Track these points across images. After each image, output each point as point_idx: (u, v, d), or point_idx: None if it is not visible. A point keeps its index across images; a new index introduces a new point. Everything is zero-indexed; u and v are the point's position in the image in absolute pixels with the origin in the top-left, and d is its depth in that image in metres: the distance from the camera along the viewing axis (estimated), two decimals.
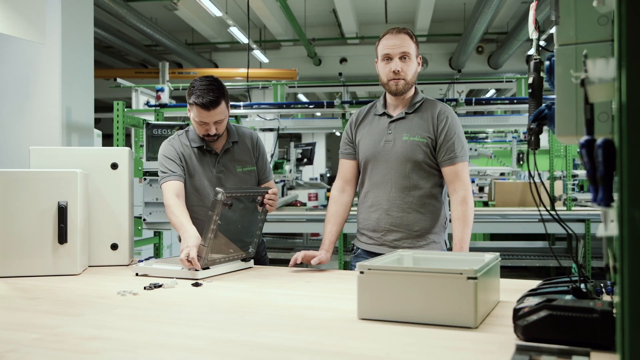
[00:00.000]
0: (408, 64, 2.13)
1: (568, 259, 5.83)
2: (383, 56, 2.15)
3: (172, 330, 1.27)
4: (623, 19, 0.73)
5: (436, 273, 1.25)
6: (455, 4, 10.60)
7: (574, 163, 6.37)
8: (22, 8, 2.61)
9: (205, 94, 2.17)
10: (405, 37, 2.13)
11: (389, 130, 2.17)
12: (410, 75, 2.15)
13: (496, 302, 1.48)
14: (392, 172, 2.14)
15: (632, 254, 0.72)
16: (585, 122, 0.88)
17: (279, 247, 7.34)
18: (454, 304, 1.23)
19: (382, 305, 1.30)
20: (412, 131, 2.14)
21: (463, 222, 2.11)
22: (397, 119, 2.18)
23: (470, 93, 13.74)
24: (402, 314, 1.28)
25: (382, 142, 2.17)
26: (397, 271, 1.29)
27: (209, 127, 2.23)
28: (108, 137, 4.96)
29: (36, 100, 3.36)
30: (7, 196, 2.01)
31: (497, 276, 1.49)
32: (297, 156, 7.78)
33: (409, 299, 1.27)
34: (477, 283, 1.22)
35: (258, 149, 2.44)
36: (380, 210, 2.17)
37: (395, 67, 2.11)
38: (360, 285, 1.33)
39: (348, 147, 2.30)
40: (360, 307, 1.33)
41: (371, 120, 2.25)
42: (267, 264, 2.54)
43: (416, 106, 2.18)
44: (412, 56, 2.14)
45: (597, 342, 1.03)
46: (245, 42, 10.43)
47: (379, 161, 2.17)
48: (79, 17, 3.55)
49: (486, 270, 1.32)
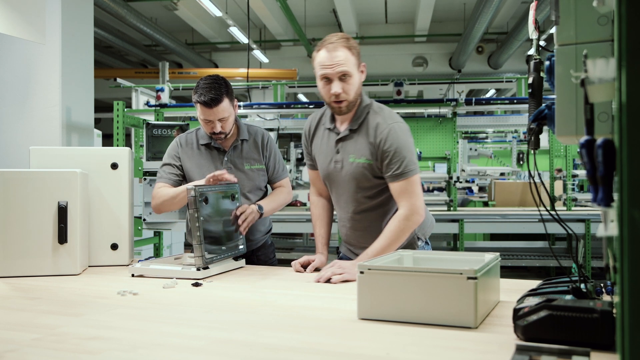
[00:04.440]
0: (349, 83, 1.96)
1: (568, 259, 5.82)
2: (321, 76, 1.97)
3: (172, 330, 1.27)
4: (623, 19, 0.73)
5: (436, 273, 1.25)
6: (455, 4, 10.60)
7: (574, 163, 6.36)
8: (22, 8, 2.61)
9: (207, 92, 2.20)
10: (342, 52, 1.93)
11: (337, 148, 2.09)
12: (353, 93, 1.98)
13: (496, 302, 1.48)
14: (345, 194, 2.10)
15: (632, 254, 0.72)
16: (585, 122, 0.88)
17: (279, 247, 7.35)
18: (454, 304, 1.23)
19: (382, 305, 1.30)
20: (358, 152, 2.02)
21: (394, 237, 1.94)
22: (343, 138, 2.07)
23: (470, 93, 13.73)
24: (402, 314, 1.28)
25: (332, 163, 2.09)
26: (397, 271, 1.29)
27: (214, 125, 2.26)
28: (108, 137, 4.97)
29: (36, 100, 3.36)
30: (7, 196, 2.01)
31: (497, 276, 1.49)
32: (297, 156, 7.77)
33: (409, 299, 1.27)
34: (477, 283, 1.22)
35: (268, 148, 2.44)
36: (346, 227, 2.16)
37: (336, 90, 1.94)
38: (360, 285, 1.32)
39: (309, 158, 2.25)
40: (360, 307, 1.33)
41: (322, 134, 2.16)
42: None
43: (359, 121, 2.04)
44: (352, 73, 1.95)
45: (597, 342, 1.03)
46: (245, 42, 10.43)
47: (333, 182, 2.12)
48: (79, 17, 3.55)
49: (486, 270, 1.32)
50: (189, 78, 10.71)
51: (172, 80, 7.76)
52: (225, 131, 2.30)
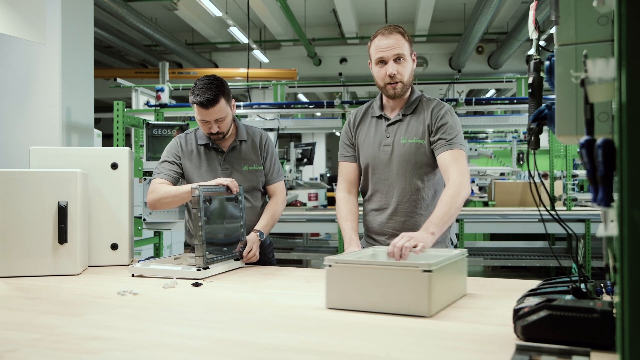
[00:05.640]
0: (403, 65, 2.06)
1: (568, 259, 5.82)
2: (377, 60, 2.07)
3: (172, 330, 1.27)
4: (623, 19, 0.73)
5: (396, 267, 1.39)
6: (455, 4, 10.60)
7: (574, 163, 6.36)
8: (22, 8, 2.61)
9: (203, 93, 2.20)
10: (398, 37, 2.05)
11: (387, 133, 2.14)
12: (407, 76, 2.09)
13: (460, 295, 1.56)
14: (392, 176, 2.12)
15: (632, 254, 0.72)
16: (585, 122, 0.88)
17: (279, 247, 7.33)
18: (411, 295, 1.35)
19: (348, 295, 1.42)
20: (410, 133, 2.10)
21: (452, 202, 1.92)
22: (394, 122, 2.15)
23: (470, 93, 13.73)
24: (366, 303, 1.39)
25: (381, 147, 2.14)
26: (361, 264, 1.42)
27: (211, 126, 2.26)
28: (108, 137, 4.96)
29: (36, 100, 3.36)
30: (7, 196, 2.01)
31: (460, 271, 1.57)
32: (297, 156, 7.78)
33: (372, 290, 1.39)
34: (431, 276, 1.33)
35: (266, 149, 2.44)
36: (384, 214, 2.15)
37: (391, 71, 2.04)
38: (328, 277, 1.44)
39: (349, 150, 2.25)
40: (328, 297, 1.45)
41: (369, 123, 2.22)
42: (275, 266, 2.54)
43: (413, 106, 2.15)
44: (406, 56, 2.07)
45: (597, 342, 1.03)
46: (245, 42, 10.43)
47: (379, 166, 2.15)
48: (79, 17, 3.54)
49: (445, 264, 1.42)
50: (189, 78, 10.71)
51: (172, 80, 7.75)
52: (222, 131, 2.30)
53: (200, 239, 1.96)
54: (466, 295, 1.59)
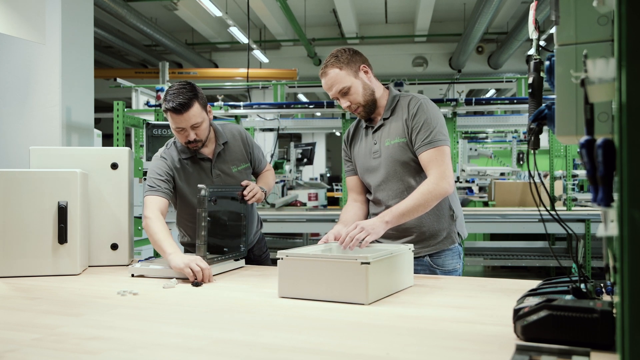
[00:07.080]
0: (351, 93, 2.06)
1: (568, 259, 5.82)
2: (331, 97, 2.15)
3: (172, 330, 1.27)
4: (623, 19, 0.73)
5: (338, 259, 1.53)
6: (455, 4, 10.60)
7: (574, 163, 6.36)
8: (22, 8, 2.61)
9: (175, 98, 2.10)
10: (332, 73, 2.06)
11: (374, 141, 2.16)
12: (361, 98, 2.08)
13: (404, 286, 1.69)
14: (385, 178, 2.12)
15: (632, 254, 0.72)
16: (585, 122, 0.88)
17: (279, 247, 7.32)
18: (351, 285, 1.49)
19: (297, 286, 1.57)
20: (392, 134, 2.10)
21: (420, 199, 1.92)
22: (378, 128, 2.15)
23: (470, 93, 13.74)
24: (313, 293, 1.55)
25: (371, 154, 2.16)
26: (309, 258, 1.57)
27: (188, 133, 2.15)
28: (108, 137, 4.96)
29: (36, 100, 3.36)
30: (7, 196, 2.01)
31: (404, 264, 1.70)
32: (297, 156, 7.77)
33: (318, 280, 1.54)
34: (368, 267, 1.47)
35: (250, 144, 2.43)
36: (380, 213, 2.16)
37: (345, 105, 2.09)
38: (280, 269, 1.59)
39: (349, 164, 2.30)
40: (280, 287, 1.60)
41: (361, 135, 2.24)
42: (269, 261, 2.54)
43: (391, 109, 2.14)
44: (350, 84, 2.05)
45: (597, 342, 1.03)
46: (245, 42, 10.43)
47: (373, 172, 2.16)
48: (79, 17, 3.54)
49: (384, 258, 1.56)
50: (189, 78, 10.71)
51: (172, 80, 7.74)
52: (200, 139, 2.20)
53: (202, 238, 1.95)
54: (413, 287, 1.59)
